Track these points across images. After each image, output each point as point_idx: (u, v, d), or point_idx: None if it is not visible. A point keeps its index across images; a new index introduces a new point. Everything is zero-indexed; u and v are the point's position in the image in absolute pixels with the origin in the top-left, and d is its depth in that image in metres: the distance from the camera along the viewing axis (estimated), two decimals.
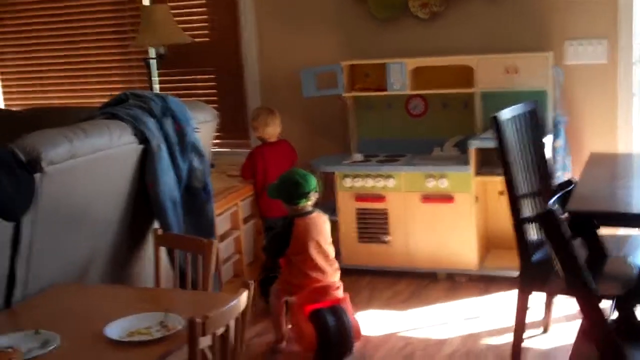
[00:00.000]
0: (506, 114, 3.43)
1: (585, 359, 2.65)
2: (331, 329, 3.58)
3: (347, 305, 3.74)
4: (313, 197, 3.77)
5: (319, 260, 3.70)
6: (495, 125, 3.33)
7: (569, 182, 3.32)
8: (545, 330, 3.85)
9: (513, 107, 3.54)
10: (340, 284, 3.77)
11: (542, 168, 3.69)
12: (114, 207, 3.29)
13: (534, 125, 3.68)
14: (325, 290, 3.69)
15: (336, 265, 3.81)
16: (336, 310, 3.65)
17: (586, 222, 2.92)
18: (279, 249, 3.78)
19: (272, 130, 4.71)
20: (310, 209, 3.77)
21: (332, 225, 4.83)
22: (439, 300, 4.37)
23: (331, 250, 3.79)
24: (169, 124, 3.50)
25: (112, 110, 3.42)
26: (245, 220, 4.80)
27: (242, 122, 5.44)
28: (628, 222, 3.07)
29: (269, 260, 4.27)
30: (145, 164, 3.37)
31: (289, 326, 3.89)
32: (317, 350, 3.61)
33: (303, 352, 3.71)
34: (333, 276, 3.75)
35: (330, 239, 3.81)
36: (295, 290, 3.72)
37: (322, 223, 3.78)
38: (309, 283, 3.69)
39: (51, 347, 2.34)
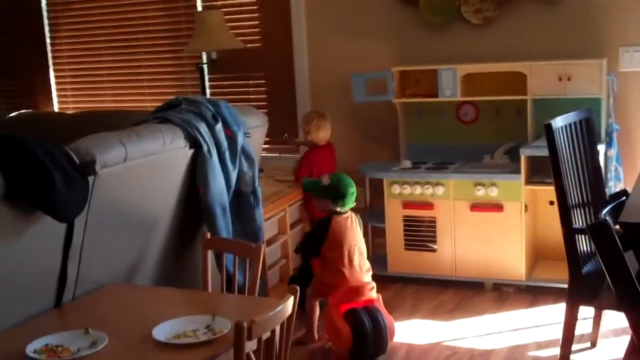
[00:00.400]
0: (559, 121, 3.38)
1: None
2: (367, 328, 3.66)
3: (380, 305, 3.84)
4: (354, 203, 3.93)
5: (354, 257, 3.80)
6: (548, 133, 3.29)
7: (622, 193, 3.26)
8: (593, 345, 3.77)
9: (566, 115, 3.49)
10: (373, 284, 3.85)
11: (594, 178, 3.62)
12: (165, 211, 3.34)
13: (588, 133, 3.62)
14: (360, 290, 3.77)
15: (368, 265, 3.91)
16: (371, 310, 3.74)
17: (639, 234, 2.86)
18: (315, 246, 3.85)
19: (324, 134, 4.85)
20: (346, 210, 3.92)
21: (379, 232, 4.88)
22: (486, 310, 4.32)
23: (364, 250, 3.91)
24: (220, 129, 3.53)
25: (164, 115, 3.47)
26: (293, 226, 4.82)
27: (292, 126, 5.46)
28: None
29: (303, 265, 4.26)
30: (196, 168, 3.41)
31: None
32: (352, 349, 3.69)
33: (338, 350, 3.80)
34: (366, 275, 3.85)
35: (362, 239, 3.93)
36: (330, 289, 3.80)
37: (355, 223, 3.92)
38: (343, 281, 3.77)
39: (100, 347, 2.38)
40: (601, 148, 4.30)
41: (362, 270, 3.84)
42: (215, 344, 2.40)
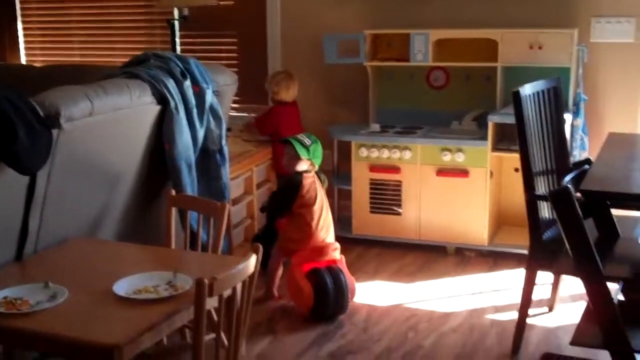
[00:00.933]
0: (527, 89, 3.40)
1: (589, 340, 2.65)
2: (329, 288, 3.70)
3: (343, 266, 3.88)
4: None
5: (322, 216, 3.87)
6: (516, 100, 3.30)
7: (586, 161, 3.30)
8: (550, 309, 3.85)
9: (535, 82, 3.50)
10: (337, 245, 3.91)
11: (559, 146, 3.66)
12: (130, 166, 3.32)
13: (555, 102, 3.64)
14: (324, 250, 3.83)
15: (332, 225, 3.98)
16: (333, 270, 3.79)
17: (599, 203, 2.91)
18: (287, 202, 3.87)
19: (292, 93, 4.95)
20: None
21: (345, 194, 4.90)
22: (447, 274, 4.38)
23: (329, 210, 3.97)
24: (188, 86, 3.50)
25: (132, 70, 3.43)
26: (259, 186, 4.82)
27: (262, 87, 5.43)
28: None
29: (268, 225, 4.26)
30: (163, 124, 3.39)
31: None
32: (313, 307, 3.74)
33: (299, 309, 3.84)
34: (330, 236, 3.92)
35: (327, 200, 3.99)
36: (296, 247, 3.85)
37: (320, 183, 3.97)
38: (310, 239, 3.83)
39: (59, 301, 2.38)
40: (568, 117, 4.33)
41: (327, 230, 3.90)
42: (176, 300, 2.41)
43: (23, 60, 6.46)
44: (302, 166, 3.87)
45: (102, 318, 2.33)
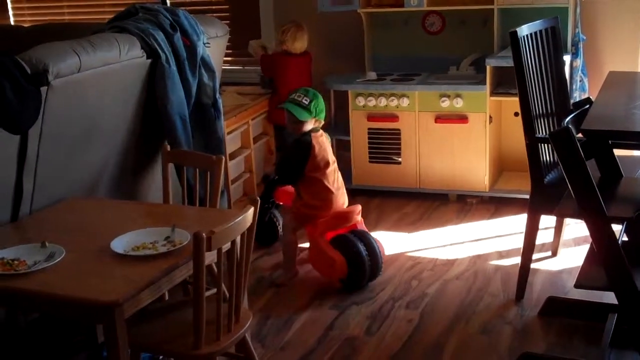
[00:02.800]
0: (525, 30, 3.32)
1: (593, 282, 2.63)
2: (363, 255, 3.51)
3: (364, 228, 3.72)
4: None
5: (335, 176, 3.66)
6: (513, 41, 3.23)
7: (586, 101, 3.24)
8: (554, 254, 3.83)
9: (532, 23, 3.42)
10: (360, 207, 3.71)
11: (559, 88, 3.60)
12: (123, 122, 3.26)
13: (554, 43, 3.57)
14: (349, 215, 3.63)
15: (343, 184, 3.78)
16: (361, 234, 3.61)
17: (601, 142, 2.86)
18: (299, 167, 3.58)
19: (300, 45, 4.75)
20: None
21: (343, 145, 4.85)
22: (449, 222, 4.36)
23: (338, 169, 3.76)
24: (178, 38, 3.43)
25: (121, 24, 3.36)
26: (256, 140, 4.77)
27: (255, 38, 5.33)
28: None
29: (265, 194, 4.02)
30: (154, 78, 3.32)
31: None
32: (348, 277, 3.53)
33: (329, 279, 3.60)
34: (345, 195, 3.72)
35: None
36: (319, 213, 3.60)
37: (328, 141, 3.75)
38: (331, 203, 3.60)
39: (57, 260, 2.35)
40: (567, 58, 4.26)
41: (343, 191, 3.71)
42: (175, 256, 2.38)
43: (12, 21, 6.35)
44: (308, 127, 3.60)
45: (100, 276, 2.30)
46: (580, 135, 2.57)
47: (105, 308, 2.12)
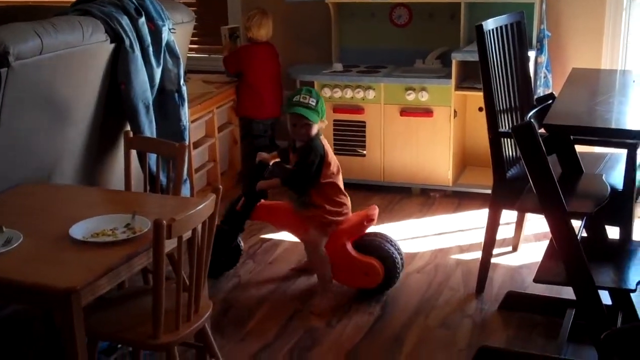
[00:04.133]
0: (490, 24, 3.34)
1: (552, 276, 2.66)
2: (395, 254, 3.40)
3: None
4: None
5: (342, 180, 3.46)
6: (479, 34, 3.24)
7: (549, 96, 3.26)
8: (514, 249, 3.86)
9: (498, 17, 3.45)
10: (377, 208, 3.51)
11: (523, 84, 3.62)
12: (85, 107, 3.21)
13: (519, 38, 3.60)
14: (371, 215, 3.42)
15: None
16: (382, 235, 3.49)
17: (562, 138, 2.88)
18: (316, 175, 3.28)
19: (265, 32, 4.76)
20: None
21: None
22: (412, 215, 4.37)
23: None
24: (143, 23, 3.38)
25: (84, 7, 3.30)
26: (221, 129, 4.73)
27: (220, 27, 5.29)
28: (604, 137, 3.05)
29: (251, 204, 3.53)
30: (118, 63, 3.27)
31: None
32: (384, 278, 3.38)
33: (364, 287, 3.42)
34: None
35: None
36: (338, 220, 3.34)
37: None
38: (347, 207, 3.38)
39: (14, 245, 2.31)
40: (532, 54, 4.29)
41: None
42: (134, 243, 2.35)
43: None
44: (315, 130, 3.29)
45: (58, 262, 2.27)
46: (542, 130, 2.59)
47: (62, 294, 2.09)
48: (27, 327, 3.06)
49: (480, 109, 4.45)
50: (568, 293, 2.87)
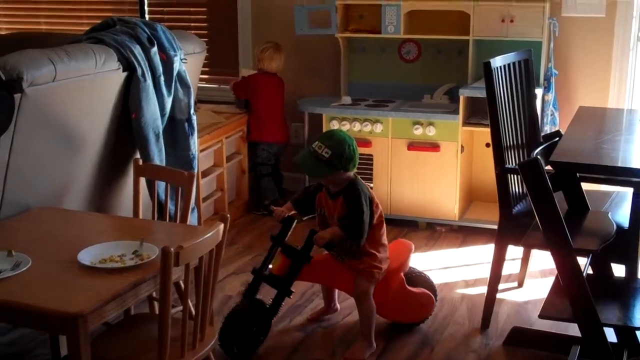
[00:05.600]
0: (498, 61, 3.37)
1: (558, 313, 2.66)
2: (430, 279, 3.46)
3: None
4: None
5: None
6: (487, 71, 3.28)
7: (556, 134, 3.29)
8: (520, 284, 3.86)
9: (506, 55, 3.48)
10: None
11: (530, 121, 3.65)
12: (96, 134, 3.25)
13: (526, 76, 3.63)
14: (408, 252, 3.40)
15: None
16: (412, 268, 3.47)
17: (569, 175, 2.90)
18: (371, 219, 3.15)
19: (276, 65, 4.92)
20: None
21: None
22: (418, 249, 4.36)
23: None
24: (155, 53, 3.43)
25: (98, 35, 3.35)
26: (229, 159, 4.77)
27: (232, 57, 5.36)
28: (610, 175, 3.06)
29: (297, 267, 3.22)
30: (129, 92, 3.32)
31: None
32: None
33: (423, 318, 3.44)
34: None
35: None
36: (388, 266, 3.24)
37: None
38: (388, 249, 3.27)
39: (22, 269, 2.32)
40: (539, 92, 4.33)
41: None
42: (142, 270, 2.36)
43: None
44: (350, 172, 3.13)
45: (66, 287, 2.28)
46: (549, 167, 2.61)
47: (69, 319, 2.10)
48: (32, 352, 3.07)
49: (488, 145, 4.48)
50: (574, 330, 2.86)
